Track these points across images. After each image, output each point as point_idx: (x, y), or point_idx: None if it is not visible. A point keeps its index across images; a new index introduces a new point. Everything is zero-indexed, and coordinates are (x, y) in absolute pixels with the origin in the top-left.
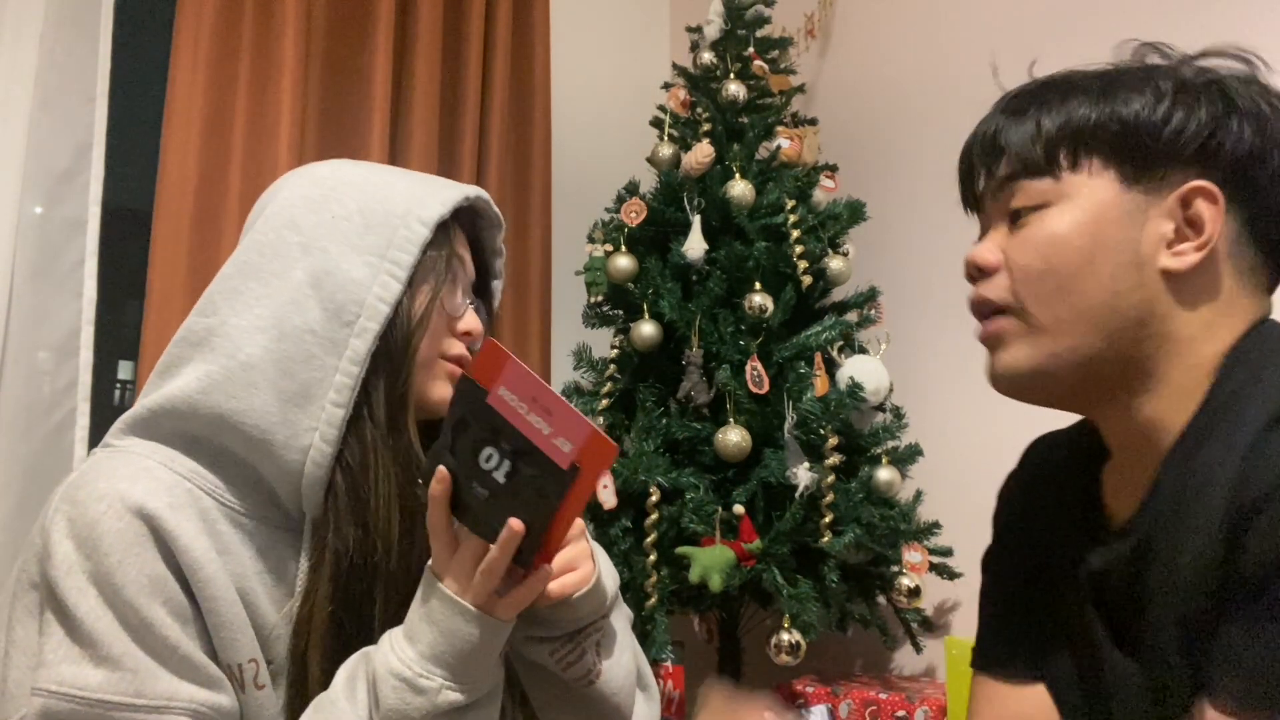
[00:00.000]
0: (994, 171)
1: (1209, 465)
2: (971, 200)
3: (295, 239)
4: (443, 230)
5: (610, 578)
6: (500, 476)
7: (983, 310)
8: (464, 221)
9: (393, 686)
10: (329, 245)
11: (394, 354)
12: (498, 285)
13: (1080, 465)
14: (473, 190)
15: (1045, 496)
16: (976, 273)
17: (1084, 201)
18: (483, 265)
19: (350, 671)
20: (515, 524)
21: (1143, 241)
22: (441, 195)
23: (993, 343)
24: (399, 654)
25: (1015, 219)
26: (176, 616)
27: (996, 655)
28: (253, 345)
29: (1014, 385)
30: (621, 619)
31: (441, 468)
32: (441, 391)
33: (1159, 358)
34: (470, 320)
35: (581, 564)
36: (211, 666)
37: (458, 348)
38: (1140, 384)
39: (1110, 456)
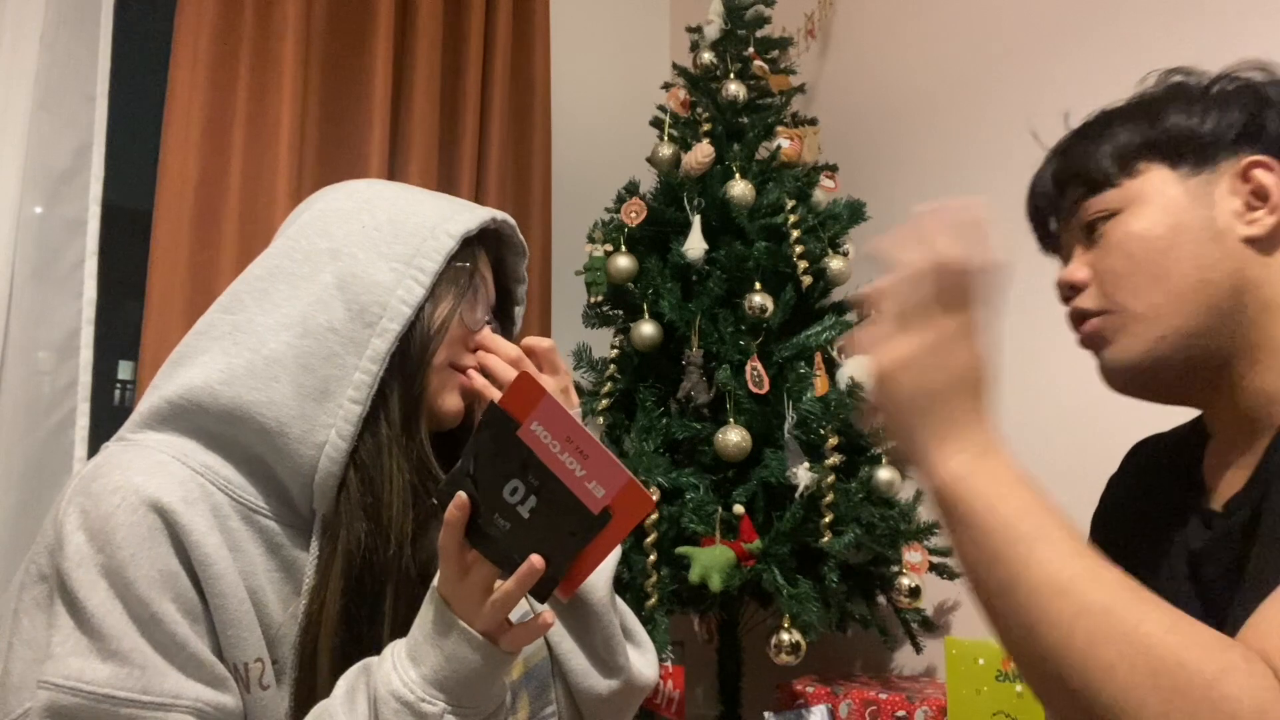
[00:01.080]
0: (1059, 206)
1: None
2: (1047, 239)
3: (325, 245)
4: (468, 246)
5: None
6: (524, 511)
7: (1081, 320)
8: (489, 247)
9: (395, 709)
10: (357, 251)
11: (412, 357)
12: (519, 312)
13: (1182, 454)
14: (500, 214)
15: (1144, 490)
16: (1070, 291)
17: (1151, 198)
18: (505, 291)
19: (350, 684)
20: (536, 560)
21: (1217, 218)
22: (470, 213)
23: (1094, 342)
24: (402, 675)
25: (1091, 234)
26: (186, 613)
27: None
28: (277, 341)
29: (1127, 377)
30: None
31: (461, 493)
32: (451, 401)
33: (1261, 324)
34: (487, 337)
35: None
36: (218, 665)
37: (471, 361)
38: (1248, 355)
39: (1210, 441)
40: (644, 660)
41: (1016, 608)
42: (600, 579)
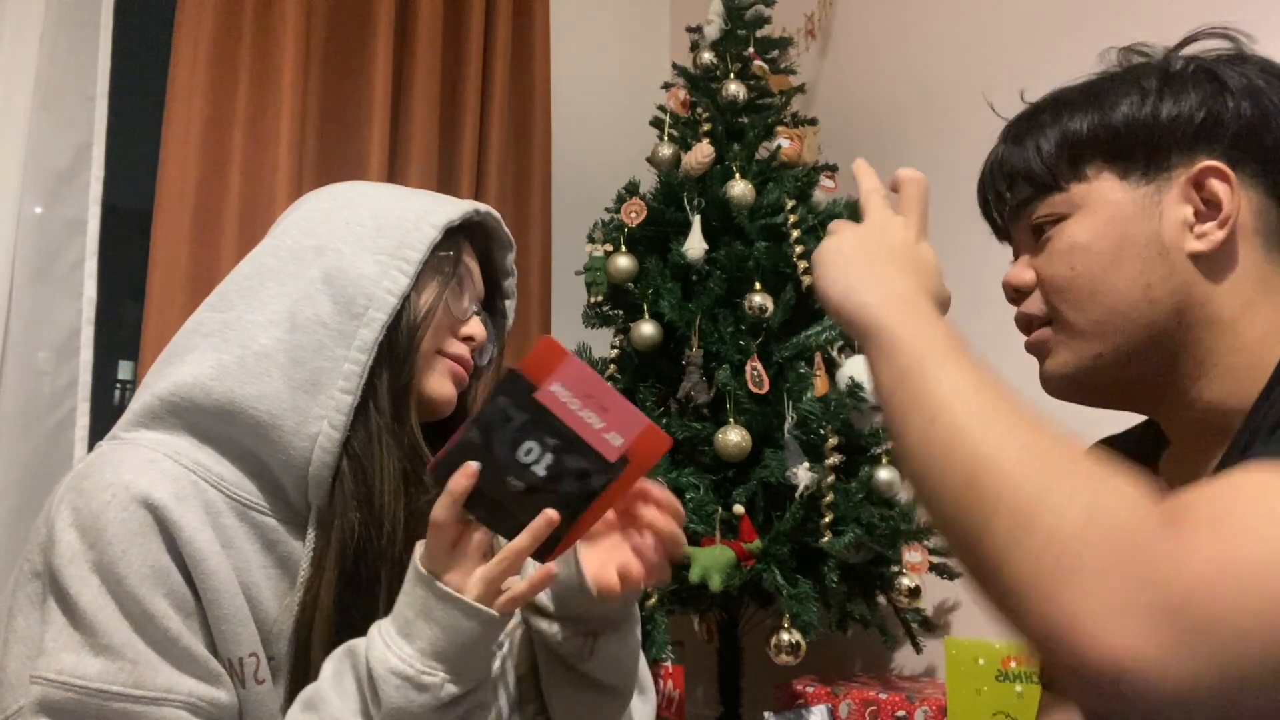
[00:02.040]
0: (1007, 198)
1: None
2: (998, 229)
3: (310, 243)
4: (452, 237)
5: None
6: (540, 469)
7: (1027, 326)
8: (477, 241)
9: (395, 685)
10: (342, 246)
11: (399, 345)
12: (510, 305)
13: (1139, 459)
14: (483, 207)
15: None
16: (1014, 294)
17: (1096, 206)
18: (495, 285)
19: (336, 667)
20: (551, 514)
21: (1164, 231)
22: (454, 205)
23: (1038, 351)
24: (396, 652)
25: (1038, 236)
26: (178, 609)
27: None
28: (266, 337)
29: (1064, 388)
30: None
31: (472, 463)
32: (441, 387)
33: (1206, 342)
34: (475, 326)
35: (623, 597)
36: (212, 661)
37: (459, 348)
38: (1194, 370)
39: (1168, 447)
40: (645, 710)
41: (929, 449)
42: (620, 654)
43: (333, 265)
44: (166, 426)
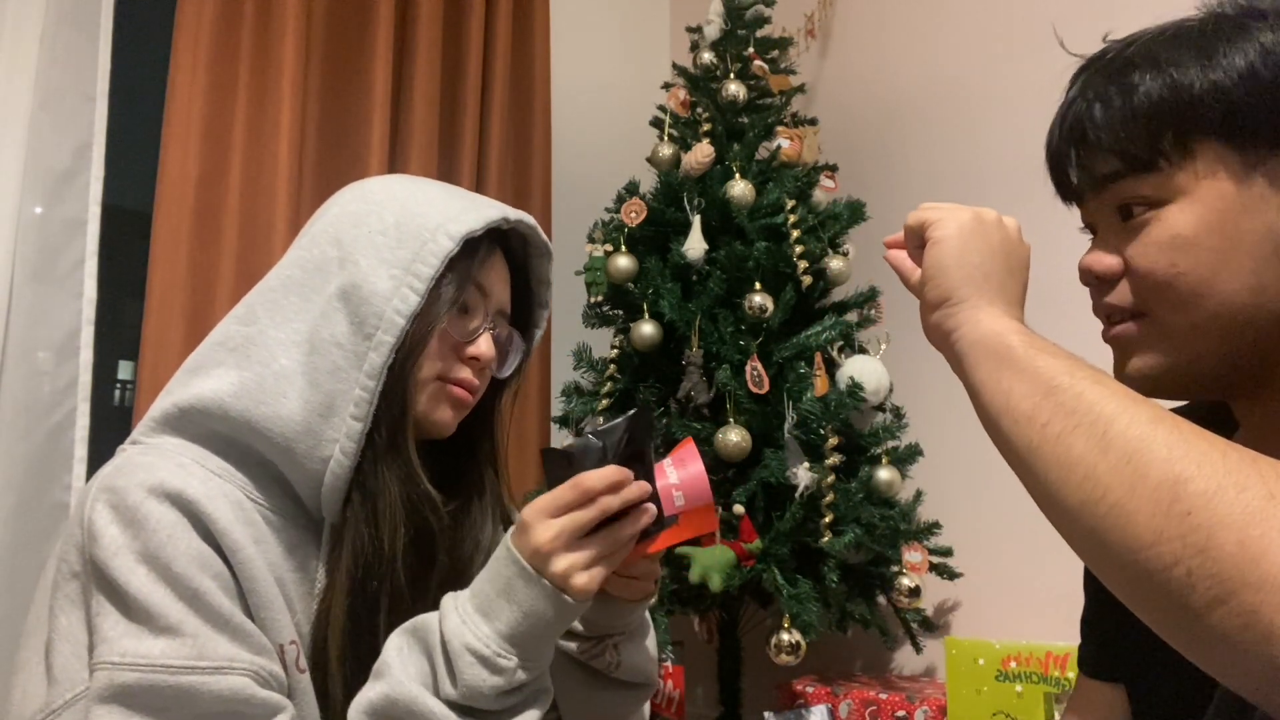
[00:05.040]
0: (1089, 165)
1: None
2: (1068, 192)
3: (335, 254)
4: (470, 250)
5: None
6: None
7: (1108, 317)
8: (515, 249)
9: (469, 663)
10: (361, 259)
11: (397, 370)
12: (543, 315)
13: None
14: (514, 213)
15: None
16: (1095, 280)
17: (1205, 196)
18: (533, 293)
19: (399, 642)
20: (650, 509)
21: (1279, 224)
22: (479, 213)
23: (1122, 347)
24: (474, 630)
25: (1125, 214)
26: (225, 591)
27: (1087, 656)
28: (287, 358)
29: (1148, 388)
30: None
31: (651, 507)
32: (441, 413)
33: None
34: (481, 346)
35: (651, 583)
36: (264, 637)
37: (463, 371)
38: None
39: (1239, 430)
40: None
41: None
42: (640, 659)
43: (350, 281)
44: (185, 435)
